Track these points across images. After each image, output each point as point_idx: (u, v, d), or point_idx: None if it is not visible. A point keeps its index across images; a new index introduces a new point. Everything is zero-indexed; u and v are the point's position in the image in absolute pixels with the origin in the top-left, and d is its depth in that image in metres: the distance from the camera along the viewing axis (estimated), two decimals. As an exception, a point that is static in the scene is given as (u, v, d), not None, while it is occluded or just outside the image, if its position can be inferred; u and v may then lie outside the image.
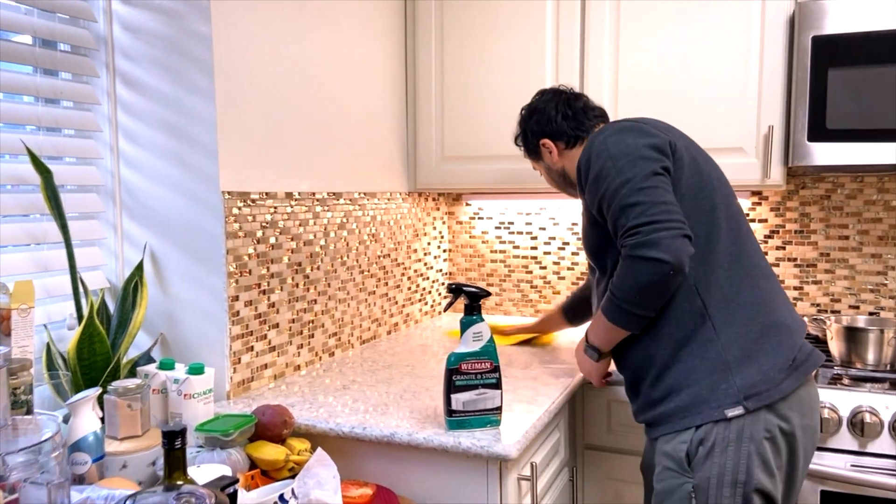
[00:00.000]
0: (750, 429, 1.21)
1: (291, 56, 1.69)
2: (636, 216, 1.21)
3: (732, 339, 1.25)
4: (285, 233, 1.68)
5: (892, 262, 2.05)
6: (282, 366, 1.69)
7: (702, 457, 1.23)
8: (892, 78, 1.67)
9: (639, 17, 1.95)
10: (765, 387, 1.22)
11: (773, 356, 1.25)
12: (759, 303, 1.28)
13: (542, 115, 1.58)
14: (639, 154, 1.27)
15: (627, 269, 1.23)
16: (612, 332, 1.34)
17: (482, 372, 1.30)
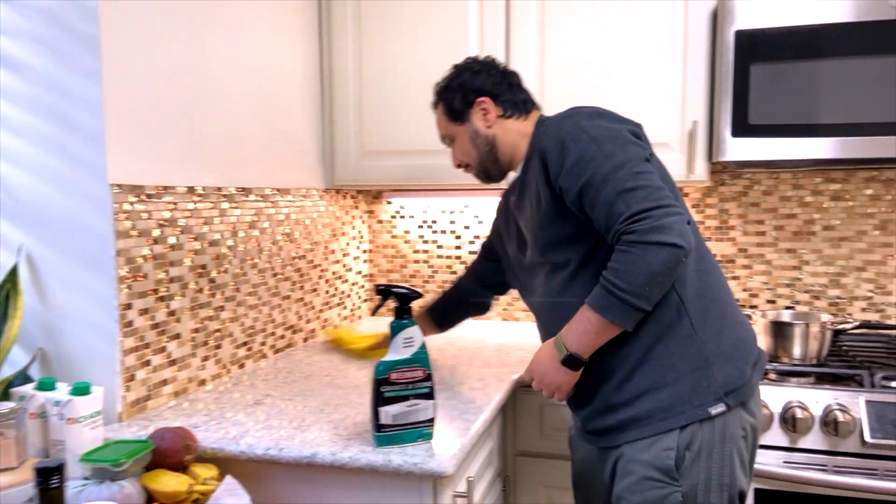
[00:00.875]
0: (731, 428, 1.18)
1: (196, 39, 1.52)
2: (640, 201, 1.12)
3: (710, 334, 1.20)
4: (187, 232, 1.51)
5: (806, 257, 2.09)
6: (184, 381, 1.51)
7: (689, 462, 1.16)
8: (813, 73, 1.68)
9: (563, 11, 1.90)
10: (741, 382, 1.20)
11: (744, 352, 1.24)
12: (725, 299, 1.26)
13: (481, 74, 1.42)
14: (625, 138, 1.19)
15: (638, 256, 1.10)
16: (605, 333, 1.18)
17: (414, 381, 1.19)
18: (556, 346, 1.23)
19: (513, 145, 1.41)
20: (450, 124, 1.46)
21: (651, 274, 1.11)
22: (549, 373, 1.24)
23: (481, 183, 1.51)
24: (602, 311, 1.15)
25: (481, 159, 1.44)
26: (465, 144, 1.45)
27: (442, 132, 1.50)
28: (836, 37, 1.67)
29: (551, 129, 1.26)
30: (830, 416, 1.46)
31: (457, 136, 1.46)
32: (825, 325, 1.62)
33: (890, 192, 2.02)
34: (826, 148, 1.69)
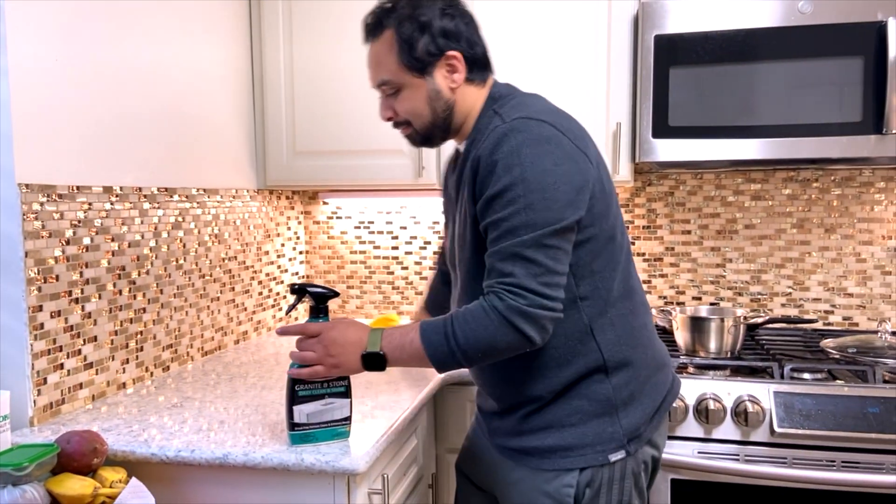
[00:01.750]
0: (631, 466, 1.17)
1: (113, 37, 1.49)
2: (528, 276, 1.05)
3: (624, 382, 1.16)
4: (104, 232, 1.48)
5: (729, 255, 2.17)
6: (101, 384, 1.49)
7: (589, 499, 1.15)
8: (728, 77, 1.74)
9: (491, 12, 1.92)
10: (644, 428, 1.18)
11: (653, 396, 1.21)
12: (646, 344, 1.21)
13: (459, 21, 1.16)
14: (555, 196, 1.06)
15: (491, 325, 1.05)
16: (416, 361, 1.12)
17: (329, 380, 1.18)
18: (370, 336, 1.13)
19: (466, 115, 1.21)
20: (401, 71, 1.17)
21: (492, 348, 1.07)
22: (347, 349, 1.13)
23: (410, 144, 1.28)
24: (427, 345, 1.10)
25: (434, 123, 1.20)
26: (418, 101, 1.19)
27: (383, 76, 1.19)
28: (749, 42, 1.73)
29: (494, 134, 1.11)
30: (741, 407, 1.51)
31: (406, 87, 1.18)
32: (738, 319, 1.68)
33: (806, 192, 2.11)
34: (743, 149, 1.75)
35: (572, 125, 1.17)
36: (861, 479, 1.47)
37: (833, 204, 2.09)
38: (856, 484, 1.48)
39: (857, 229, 2.08)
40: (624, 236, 1.20)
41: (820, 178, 2.10)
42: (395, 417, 1.34)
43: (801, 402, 1.51)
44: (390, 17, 1.16)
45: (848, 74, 1.69)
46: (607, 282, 1.15)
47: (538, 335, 1.06)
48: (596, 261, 1.14)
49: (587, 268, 1.13)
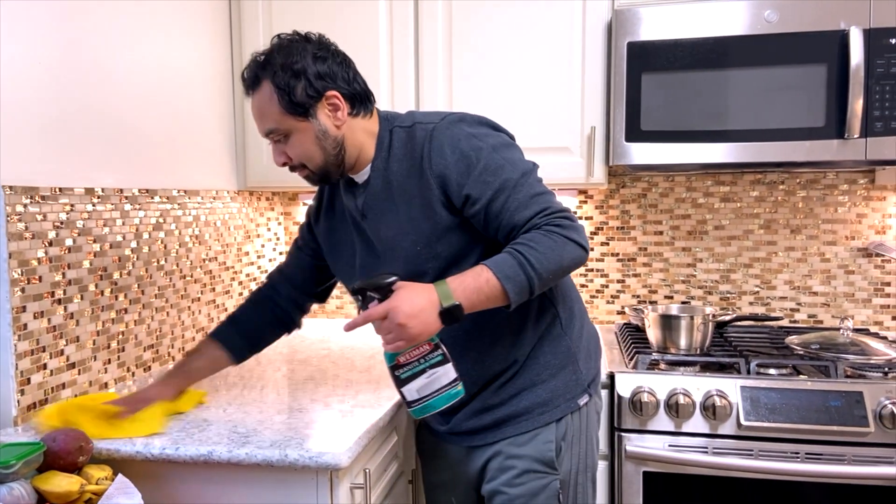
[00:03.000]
0: (590, 414, 1.32)
1: (95, 38, 1.51)
2: (555, 203, 1.18)
3: (577, 334, 1.33)
4: (86, 234, 1.49)
5: (699, 255, 2.23)
6: (84, 384, 1.50)
7: (565, 451, 1.28)
8: (698, 83, 1.80)
9: (470, 17, 1.96)
10: (596, 372, 1.36)
11: (597, 344, 1.41)
12: (577, 297, 1.41)
13: (331, 62, 1.22)
14: (516, 148, 1.26)
15: (558, 245, 1.12)
16: (493, 300, 1.13)
17: (423, 355, 1.18)
18: (439, 292, 1.12)
19: (360, 146, 1.27)
20: (286, 117, 1.21)
21: (560, 266, 1.14)
22: (421, 315, 1.10)
23: (310, 185, 1.34)
24: (504, 279, 1.10)
25: (326, 161, 1.25)
26: (308, 144, 1.23)
27: (269, 126, 1.23)
28: (718, 49, 1.79)
29: (439, 136, 1.20)
30: (710, 402, 1.57)
31: (294, 132, 1.23)
32: (707, 317, 1.73)
33: (773, 194, 2.18)
34: (712, 153, 1.81)
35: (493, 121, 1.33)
36: (824, 469, 1.54)
37: (798, 206, 2.16)
38: (819, 475, 1.54)
39: (821, 230, 2.16)
40: None
41: (786, 180, 2.17)
42: (377, 413, 1.37)
43: (766, 397, 1.57)
44: (265, 69, 1.21)
45: (812, 81, 1.76)
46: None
47: (587, 243, 1.18)
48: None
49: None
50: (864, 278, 2.14)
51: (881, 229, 2.13)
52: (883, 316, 2.14)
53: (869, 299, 2.14)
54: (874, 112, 1.73)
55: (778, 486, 1.58)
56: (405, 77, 2.01)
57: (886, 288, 2.13)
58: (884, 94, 1.72)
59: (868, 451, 1.53)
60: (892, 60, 1.72)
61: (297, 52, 1.21)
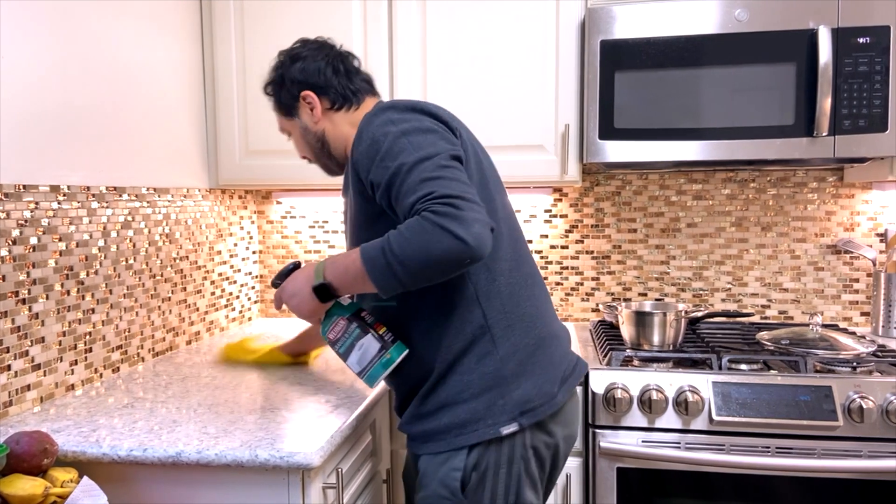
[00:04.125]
0: (519, 449, 1.17)
1: (58, 33, 1.47)
2: (445, 187, 1.06)
3: (511, 352, 1.19)
4: (51, 232, 1.46)
5: (673, 252, 2.25)
6: (50, 386, 1.47)
7: (475, 483, 1.17)
8: (670, 81, 1.81)
9: (445, 15, 1.96)
10: (539, 401, 1.18)
11: (548, 369, 1.21)
12: (535, 314, 1.23)
13: (308, 64, 1.33)
14: (438, 133, 1.15)
15: (426, 232, 1.03)
16: (361, 284, 1.13)
17: (344, 331, 1.27)
18: (314, 271, 1.20)
19: (344, 138, 1.35)
20: (283, 119, 1.42)
21: (428, 255, 1.04)
22: (298, 294, 1.22)
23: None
24: (366, 262, 1.10)
25: (316, 155, 1.41)
26: (299, 140, 1.41)
27: (280, 126, 1.45)
28: (690, 48, 1.81)
29: (363, 125, 1.20)
30: (682, 398, 1.58)
31: (292, 130, 1.42)
32: (680, 314, 1.75)
33: (744, 192, 2.21)
34: (685, 151, 1.83)
35: (438, 108, 1.24)
36: (794, 463, 1.56)
37: (769, 203, 2.19)
38: (789, 468, 1.56)
39: (791, 227, 2.19)
40: (507, 209, 1.27)
41: (757, 178, 2.20)
42: (350, 413, 1.36)
43: (737, 392, 1.59)
44: (266, 84, 1.43)
45: (782, 80, 1.78)
46: (493, 251, 1.19)
47: (473, 240, 1.03)
48: None
49: None
50: (834, 275, 2.17)
51: (850, 226, 2.16)
52: (852, 312, 2.17)
53: (838, 295, 2.18)
54: (842, 110, 1.75)
55: (749, 480, 1.60)
56: (379, 76, 1.99)
57: (855, 284, 2.17)
58: (851, 93, 1.75)
59: (837, 445, 1.56)
60: (860, 59, 1.75)
61: (282, 62, 1.38)
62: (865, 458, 1.55)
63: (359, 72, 1.38)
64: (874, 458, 1.54)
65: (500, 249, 1.22)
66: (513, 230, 1.27)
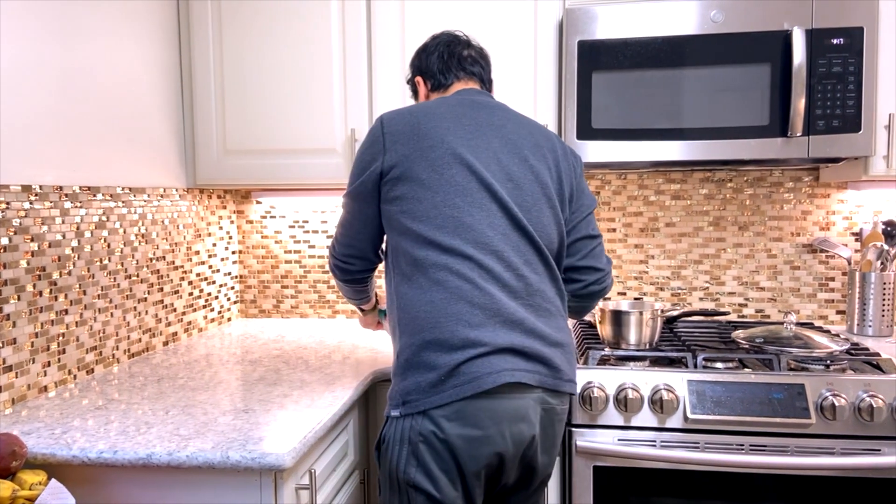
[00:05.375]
0: (409, 432, 1.27)
1: (30, 33, 1.46)
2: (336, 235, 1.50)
3: (403, 347, 1.32)
4: (22, 232, 1.45)
5: (651, 252, 2.26)
6: (22, 388, 1.45)
7: (382, 454, 1.33)
8: (647, 81, 1.82)
9: (423, 18, 1.96)
10: (416, 396, 1.27)
11: (426, 371, 1.26)
12: (426, 318, 1.28)
13: (423, 52, 1.54)
14: (353, 167, 1.40)
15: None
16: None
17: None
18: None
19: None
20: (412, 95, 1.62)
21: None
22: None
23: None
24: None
25: None
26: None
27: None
28: (666, 49, 1.82)
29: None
30: (657, 396, 1.59)
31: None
32: (656, 313, 1.76)
33: (721, 192, 2.22)
34: (662, 151, 1.84)
35: (403, 125, 1.35)
36: (768, 461, 1.57)
37: (746, 203, 2.21)
38: (763, 466, 1.58)
39: (767, 227, 2.21)
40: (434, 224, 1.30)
41: (734, 178, 2.21)
42: (325, 413, 1.35)
43: (711, 390, 1.60)
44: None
45: (757, 80, 1.80)
46: (404, 256, 1.33)
47: (333, 272, 1.54)
48: (395, 236, 1.35)
49: (392, 241, 1.36)
50: (809, 273, 2.20)
51: (825, 226, 2.18)
52: (827, 310, 2.20)
53: (814, 294, 2.20)
54: (816, 111, 1.77)
55: (724, 478, 1.61)
56: (358, 77, 1.99)
57: (830, 283, 2.19)
58: (825, 94, 1.77)
59: (810, 443, 1.57)
60: (834, 60, 1.77)
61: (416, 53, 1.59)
62: (838, 456, 1.56)
63: (462, 58, 1.50)
64: (846, 456, 1.56)
65: (405, 254, 1.33)
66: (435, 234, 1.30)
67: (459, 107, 1.38)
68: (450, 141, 1.32)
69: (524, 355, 1.28)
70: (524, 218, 1.32)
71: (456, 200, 1.30)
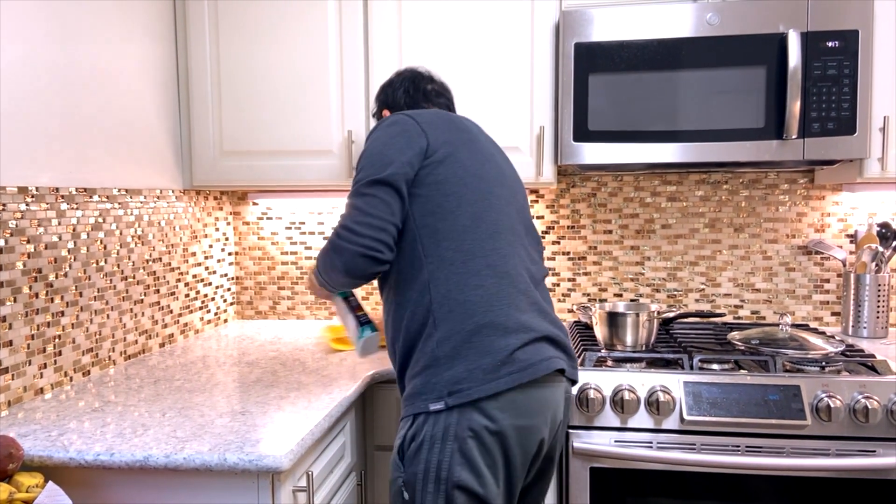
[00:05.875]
0: (455, 427, 1.21)
1: (31, 31, 1.46)
2: (346, 217, 1.30)
3: (446, 335, 1.25)
4: (18, 234, 1.44)
5: (647, 253, 2.27)
6: (18, 390, 1.45)
7: (412, 453, 1.24)
8: (643, 84, 1.83)
9: (420, 19, 1.96)
10: (467, 385, 1.22)
11: (481, 356, 1.23)
12: (478, 301, 1.27)
13: (388, 87, 1.58)
14: (377, 159, 1.32)
15: (327, 250, 1.33)
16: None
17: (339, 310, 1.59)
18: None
19: None
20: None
21: (329, 276, 1.35)
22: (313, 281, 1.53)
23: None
24: (315, 269, 1.43)
25: None
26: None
27: None
28: (662, 51, 1.82)
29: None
30: (654, 397, 1.60)
31: None
32: (652, 314, 1.76)
33: (717, 194, 2.23)
34: (658, 153, 1.84)
35: (432, 116, 1.40)
36: (764, 462, 1.57)
37: (741, 205, 2.22)
38: (759, 467, 1.58)
39: (763, 228, 2.21)
40: (486, 205, 1.34)
41: (729, 180, 2.22)
42: (322, 415, 1.35)
43: (707, 392, 1.61)
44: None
45: (753, 83, 1.80)
46: (448, 242, 1.30)
47: (342, 265, 1.29)
48: (434, 221, 1.30)
49: (429, 226, 1.30)
50: (805, 275, 2.20)
51: (820, 228, 2.19)
52: (822, 311, 2.20)
53: (809, 296, 2.21)
54: (811, 113, 1.78)
55: (720, 479, 1.61)
56: (355, 78, 1.99)
57: (825, 284, 2.20)
58: (820, 96, 1.78)
59: (805, 444, 1.58)
60: (829, 63, 1.77)
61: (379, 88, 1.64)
62: (833, 457, 1.57)
63: (427, 92, 1.55)
64: (842, 457, 1.57)
65: (453, 241, 1.30)
66: (486, 224, 1.33)
67: (448, 117, 1.44)
68: (480, 138, 1.43)
69: (555, 343, 1.33)
70: (526, 213, 1.45)
71: (494, 190, 1.37)
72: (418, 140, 1.33)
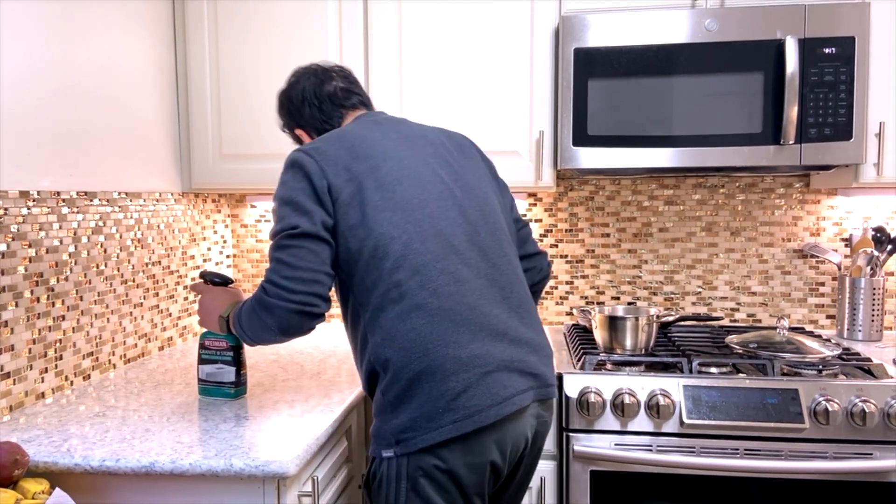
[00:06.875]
0: (406, 468, 1.20)
1: (29, 33, 1.45)
2: (272, 272, 1.22)
3: (390, 383, 1.21)
4: (20, 238, 1.44)
5: (645, 257, 2.28)
6: (20, 395, 1.44)
7: (375, 489, 1.25)
8: (642, 89, 1.84)
9: (421, 21, 1.96)
10: (412, 434, 1.18)
11: (422, 405, 1.19)
12: (411, 347, 1.20)
13: (292, 105, 1.48)
14: (292, 206, 1.24)
15: (253, 309, 1.26)
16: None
17: (220, 349, 1.50)
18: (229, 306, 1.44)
19: None
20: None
21: (255, 335, 1.29)
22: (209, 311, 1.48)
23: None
24: (234, 325, 1.36)
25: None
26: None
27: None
28: (661, 57, 1.84)
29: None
30: (654, 401, 1.61)
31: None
32: (651, 318, 1.78)
33: (714, 198, 2.25)
34: (656, 157, 1.86)
35: (333, 147, 1.30)
36: (762, 465, 1.59)
37: (738, 209, 2.24)
38: (758, 470, 1.60)
39: (759, 232, 2.23)
40: (400, 244, 1.23)
41: (726, 184, 2.24)
42: (326, 420, 1.36)
43: (707, 395, 1.62)
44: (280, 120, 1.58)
45: (750, 89, 1.82)
46: (374, 287, 1.23)
47: (275, 323, 1.23)
48: (357, 270, 1.24)
49: (355, 276, 1.25)
50: (800, 279, 2.23)
51: (816, 231, 2.21)
52: (818, 315, 2.23)
53: (804, 299, 2.23)
54: (808, 119, 1.80)
55: (720, 482, 1.63)
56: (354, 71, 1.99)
57: (821, 288, 2.22)
58: (817, 102, 1.80)
59: (803, 447, 1.60)
60: (826, 69, 1.79)
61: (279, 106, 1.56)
62: (831, 460, 1.59)
63: (333, 96, 1.46)
64: (839, 460, 1.58)
65: (379, 285, 1.22)
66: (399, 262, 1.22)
67: (374, 125, 1.36)
68: (391, 156, 1.30)
69: (518, 371, 1.24)
70: (481, 216, 1.32)
71: (415, 215, 1.25)
72: (321, 182, 1.25)
